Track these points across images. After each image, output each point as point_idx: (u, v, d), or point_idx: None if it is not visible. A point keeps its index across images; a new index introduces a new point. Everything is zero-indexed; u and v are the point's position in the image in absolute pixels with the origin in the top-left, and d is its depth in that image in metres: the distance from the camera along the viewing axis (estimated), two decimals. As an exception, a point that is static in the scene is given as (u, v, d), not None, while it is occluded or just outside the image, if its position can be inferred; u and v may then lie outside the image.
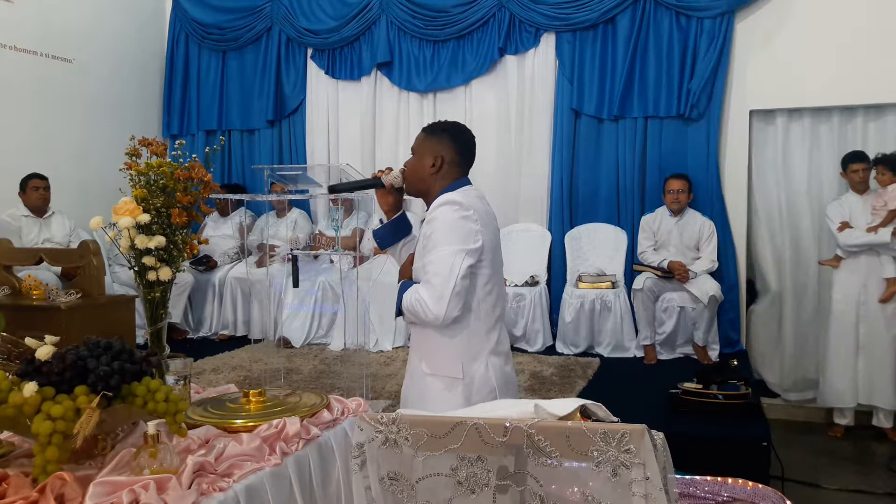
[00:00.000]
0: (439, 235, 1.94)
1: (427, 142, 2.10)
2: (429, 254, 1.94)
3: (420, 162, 2.08)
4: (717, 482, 1.92)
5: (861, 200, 4.40)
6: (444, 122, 2.15)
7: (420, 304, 1.91)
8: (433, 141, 2.10)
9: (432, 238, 1.94)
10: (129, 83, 6.32)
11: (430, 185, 2.09)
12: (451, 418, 1.10)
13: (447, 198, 1.98)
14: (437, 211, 1.96)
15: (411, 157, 2.11)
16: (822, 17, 4.78)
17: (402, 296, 1.98)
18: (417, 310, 1.93)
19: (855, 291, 4.33)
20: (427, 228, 1.97)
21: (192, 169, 2.20)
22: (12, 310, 3.28)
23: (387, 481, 1.12)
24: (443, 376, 2.00)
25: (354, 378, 4.13)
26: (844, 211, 4.41)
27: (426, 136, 2.11)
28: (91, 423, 1.32)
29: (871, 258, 4.30)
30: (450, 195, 1.99)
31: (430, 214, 1.98)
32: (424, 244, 1.97)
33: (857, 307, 4.32)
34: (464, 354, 2.00)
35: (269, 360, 4.67)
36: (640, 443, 1.01)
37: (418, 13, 5.73)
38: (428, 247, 1.95)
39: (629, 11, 5.20)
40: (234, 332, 5.67)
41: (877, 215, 4.27)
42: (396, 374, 4.43)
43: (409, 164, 2.10)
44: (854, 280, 4.34)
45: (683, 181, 4.87)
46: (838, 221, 4.40)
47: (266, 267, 5.12)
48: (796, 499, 2.41)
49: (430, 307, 1.89)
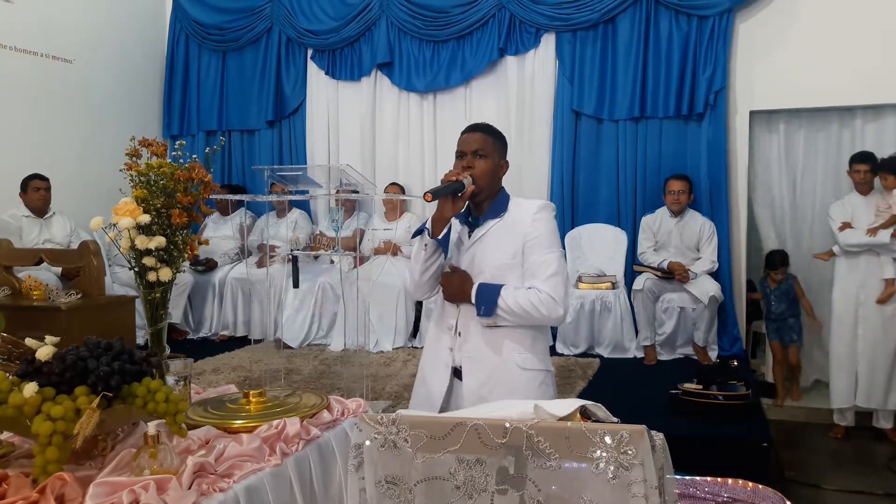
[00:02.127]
0: (549, 237, 2.05)
1: (496, 144, 2.13)
2: (539, 254, 2.02)
3: (493, 164, 2.10)
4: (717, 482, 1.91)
5: (864, 201, 4.38)
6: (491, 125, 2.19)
7: (544, 303, 1.98)
8: (499, 144, 2.15)
9: (540, 239, 2.03)
10: (129, 83, 6.32)
11: (497, 188, 2.15)
12: (451, 419, 1.10)
13: (542, 202, 2.11)
14: (542, 213, 2.06)
15: (480, 160, 2.08)
16: (823, 18, 4.78)
17: (496, 297, 2.00)
18: (539, 308, 1.98)
19: (854, 292, 4.32)
20: (531, 230, 2.04)
21: (193, 169, 2.20)
22: (12, 310, 3.28)
23: (384, 485, 1.12)
24: (539, 370, 2.08)
25: (354, 378, 4.13)
26: (847, 211, 4.40)
27: (494, 140, 2.14)
28: (91, 424, 1.32)
29: (871, 258, 4.30)
30: (541, 201, 2.12)
31: (533, 216, 2.06)
32: (530, 244, 2.03)
33: (855, 307, 4.31)
34: (547, 348, 2.18)
35: (269, 361, 4.67)
36: (639, 443, 1.01)
37: (418, 13, 5.73)
38: (535, 247, 2.03)
39: (630, 12, 5.20)
40: (234, 332, 5.67)
41: (880, 217, 4.27)
42: (396, 374, 4.43)
43: (482, 167, 2.07)
44: (853, 280, 4.34)
45: (684, 182, 4.87)
46: (840, 221, 4.40)
47: (266, 267, 5.12)
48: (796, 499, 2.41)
49: (561, 304, 1.99)
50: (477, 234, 2.12)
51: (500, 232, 2.09)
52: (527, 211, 2.09)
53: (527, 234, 2.05)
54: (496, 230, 2.10)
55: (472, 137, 2.12)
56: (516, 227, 2.08)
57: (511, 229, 2.08)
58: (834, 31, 4.74)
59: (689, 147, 5.16)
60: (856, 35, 4.68)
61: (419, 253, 2.10)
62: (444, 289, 2.13)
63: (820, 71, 4.76)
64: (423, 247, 2.08)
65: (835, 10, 4.75)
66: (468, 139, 2.12)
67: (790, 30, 4.88)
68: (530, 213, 2.07)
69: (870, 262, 4.30)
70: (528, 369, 2.06)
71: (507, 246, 2.07)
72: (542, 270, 2.02)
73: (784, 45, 4.90)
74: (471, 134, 2.14)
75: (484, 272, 2.07)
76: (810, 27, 4.81)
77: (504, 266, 2.06)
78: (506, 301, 2.00)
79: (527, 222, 2.06)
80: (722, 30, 4.98)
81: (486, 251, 2.08)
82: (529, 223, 2.05)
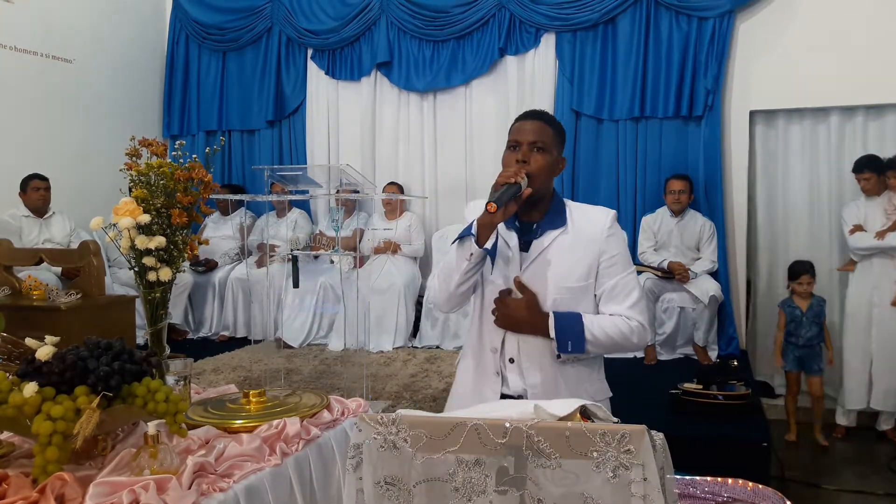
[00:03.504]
0: (627, 256, 1.83)
1: (556, 137, 1.84)
2: (620, 276, 1.80)
3: (552, 160, 1.81)
4: (717, 482, 1.91)
5: (876, 203, 4.38)
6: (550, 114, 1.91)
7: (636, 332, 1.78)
8: (559, 137, 1.86)
9: (619, 258, 1.81)
10: (129, 83, 6.32)
11: (551, 189, 1.87)
12: (451, 419, 1.10)
13: (610, 212, 1.85)
14: (615, 226, 1.83)
15: (537, 154, 1.79)
16: (823, 18, 4.78)
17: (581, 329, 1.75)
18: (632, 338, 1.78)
19: (867, 294, 4.32)
20: (609, 247, 1.80)
21: (193, 169, 2.20)
22: (12, 310, 3.28)
23: (383, 485, 1.12)
24: (603, 399, 1.89)
25: (354, 378, 4.13)
26: (860, 213, 4.40)
27: (554, 131, 1.84)
28: (91, 424, 1.32)
29: (884, 261, 4.29)
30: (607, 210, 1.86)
31: (608, 230, 1.81)
32: (607, 265, 1.80)
33: (869, 309, 4.32)
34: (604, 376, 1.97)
35: (269, 361, 4.67)
36: (639, 443, 1.01)
37: (418, 13, 5.73)
38: (614, 268, 1.80)
39: (630, 12, 5.20)
40: (234, 332, 5.67)
41: (889, 219, 4.26)
42: (396, 374, 4.43)
43: (540, 163, 1.78)
44: (866, 283, 4.34)
45: (685, 182, 4.87)
46: (852, 224, 4.39)
47: (266, 267, 5.12)
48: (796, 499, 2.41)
49: (650, 331, 1.85)
50: (537, 248, 1.81)
51: (568, 247, 1.80)
52: (598, 223, 1.82)
53: (602, 251, 1.80)
54: (562, 244, 1.81)
55: (529, 126, 1.81)
56: (589, 243, 1.81)
57: (582, 244, 1.81)
58: (834, 30, 4.73)
59: (688, 147, 5.16)
60: (856, 35, 4.68)
61: (460, 262, 1.78)
62: (502, 315, 1.79)
63: (820, 71, 4.76)
64: (468, 256, 1.75)
65: (835, 9, 4.75)
66: (525, 128, 1.82)
67: (790, 29, 4.88)
68: (603, 227, 1.81)
69: (883, 264, 4.30)
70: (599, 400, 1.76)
71: (579, 265, 1.80)
72: (627, 295, 1.79)
73: (784, 45, 4.89)
74: (528, 122, 1.83)
75: (547, 296, 1.79)
76: (810, 27, 4.81)
77: (575, 290, 1.80)
78: (594, 333, 1.75)
79: (600, 237, 1.80)
80: (722, 30, 4.98)
81: (552, 270, 1.79)
82: (604, 238, 1.80)
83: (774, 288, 5.10)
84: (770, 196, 5.14)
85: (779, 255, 5.10)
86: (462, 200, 5.81)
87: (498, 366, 1.85)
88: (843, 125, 4.94)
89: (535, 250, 1.81)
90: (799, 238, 5.04)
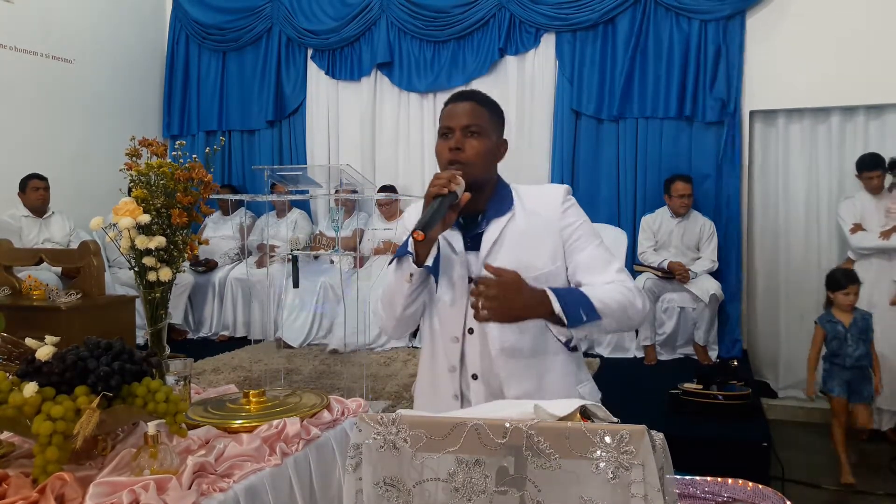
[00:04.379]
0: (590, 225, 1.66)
1: (493, 118, 1.67)
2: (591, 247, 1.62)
3: (491, 145, 1.64)
4: (717, 482, 1.91)
5: (875, 200, 4.36)
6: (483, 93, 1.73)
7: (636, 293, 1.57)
8: (496, 118, 1.68)
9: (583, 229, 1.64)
10: (129, 83, 6.32)
11: (494, 177, 1.69)
12: (451, 419, 1.10)
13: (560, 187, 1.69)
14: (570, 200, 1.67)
15: (472, 139, 1.61)
16: (822, 18, 4.78)
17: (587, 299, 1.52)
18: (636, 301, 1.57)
19: (866, 293, 4.31)
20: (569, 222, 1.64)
21: (193, 169, 2.20)
22: (12, 310, 3.28)
23: (382, 486, 1.11)
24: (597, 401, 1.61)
25: (354, 378, 4.13)
26: (857, 211, 4.38)
27: (490, 112, 1.66)
28: (91, 424, 1.32)
29: (882, 261, 4.29)
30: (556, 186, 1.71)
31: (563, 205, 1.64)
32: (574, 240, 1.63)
33: (868, 309, 4.31)
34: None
35: (269, 361, 4.68)
36: (639, 443, 1.01)
37: (418, 14, 5.73)
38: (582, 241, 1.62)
39: (629, 12, 5.20)
40: (234, 332, 5.68)
41: (890, 218, 4.24)
42: (396, 374, 4.43)
43: (476, 149, 1.60)
44: (865, 282, 4.32)
45: (688, 183, 4.85)
46: (851, 222, 4.37)
47: (266, 267, 5.12)
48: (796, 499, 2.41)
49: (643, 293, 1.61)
50: (488, 242, 1.63)
51: (523, 232, 1.63)
52: (550, 199, 1.66)
53: (563, 228, 1.63)
54: (515, 231, 1.63)
55: (461, 109, 1.63)
56: (545, 224, 1.64)
57: (539, 227, 1.64)
58: (833, 31, 4.73)
59: (688, 147, 5.16)
60: (856, 35, 4.67)
61: (401, 285, 1.60)
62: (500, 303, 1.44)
63: (820, 71, 4.76)
64: (408, 277, 1.58)
65: (834, 10, 4.75)
66: (456, 111, 1.63)
67: (790, 30, 4.88)
68: (556, 202, 1.65)
69: (881, 264, 4.29)
70: None
71: (541, 249, 1.62)
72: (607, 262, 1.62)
73: (784, 45, 4.89)
74: (459, 104, 1.65)
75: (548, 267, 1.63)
76: (810, 27, 4.81)
77: (542, 278, 1.58)
78: (600, 299, 1.52)
79: (556, 215, 1.64)
80: (722, 31, 4.98)
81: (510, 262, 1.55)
82: (561, 215, 1.64)
83: (774, 288, 5.11)
84: (770, 196, 5.14)
85: (778, 256, 5.09)
86: (462, 200, 5.80)
87: (457, 387, 1.65)
88: (843, 125, 4.93)
89: (486, 245, 1.62)
90: (798, 238, 5.04)
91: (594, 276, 1.60)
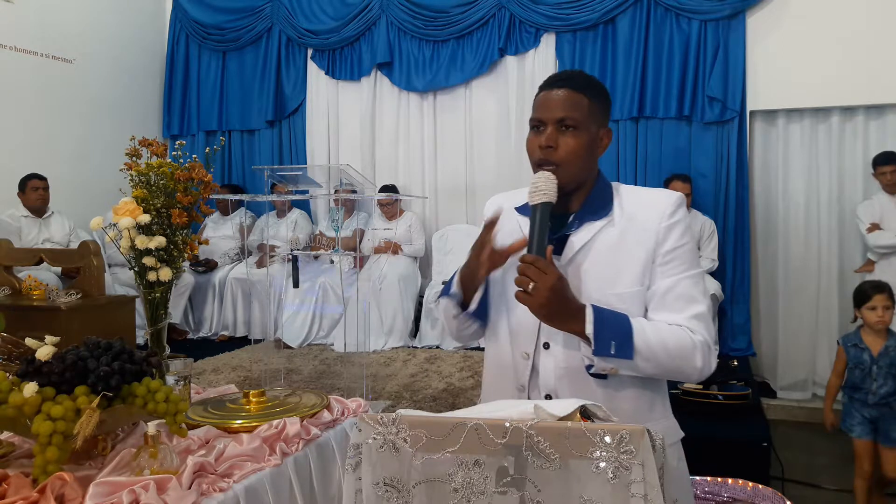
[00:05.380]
0: (692, 252, 1.38)
1: (594, 105, 1.41)
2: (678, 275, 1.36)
3: (591, 138, 1.40)
4: (717, 482, 1.92)
5: (892, 200, 4.36)
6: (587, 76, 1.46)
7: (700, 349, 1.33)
8: (598, 104, 1.43)
9: (680, 254, 1.37)
10: (129, 83, 6.32)
11: (595, 171, 1.46)
12: (450, 419, 1.10)
13: (674, 195, 1.42)
14: (679, 213, 1.40)
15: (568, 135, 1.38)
16: (822, 18, 4.78)
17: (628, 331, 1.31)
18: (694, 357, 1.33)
19: None
20: (667, 238, 1.38)
21: (193, 169, 2.20)
22: (12, 310, 3.28)
23: (382, 486, 1.11)
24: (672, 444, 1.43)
25: (354, 378, 4.13)
26: (875, 211, 4.38)
27: (591, 98, 1.41)
28: (91, 424, 1.32)
29: None
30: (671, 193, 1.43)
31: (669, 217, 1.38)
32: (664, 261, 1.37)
33: None
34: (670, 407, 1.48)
35: (269, 361, 4.67)
36: (639, 443, 1.01)
37: (418, 13, 5.73)
38: (672, 265, 1.37)
39: (629, 12, 5.21)
40: (234, 332, 5.68)
41: None
42: (396, 374, 4.43)
43: (572, 147, 1.38)
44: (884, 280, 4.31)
45: (687, 184, 4.85)
46: (868, 222, 4.37)
47: (266, 267, 5.12)
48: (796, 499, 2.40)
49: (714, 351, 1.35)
50: (571, 248, 1.40)
51: (616, 242, 1.39)
52: (656, 207, 1.40)
53: (659, 243, 1.37)
54: (607, 239, 1.39)
55: (555, 98, 1.40)
56: (642, 234, 1.38)
57: (633, 238, 1.39)
58: (833, 30, 4.73)
59: (688, 147, 5.17)
60: (856, 35, 4.68)
61: (449, 320, 1.50)
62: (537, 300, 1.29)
63: (820, 71, 4.76)
64: (454, 315, 1.47)
65: (834, 10, 4.75)
66: (549, 101, 1.41)
67: (790, 29, 4.88)
68: (662, 212, 1.39)
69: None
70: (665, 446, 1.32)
71: (630, 265, 1.38)
72: (688, 301, 1.35)
73: (784, 45, 4.89)
74: (553, 91, 1.41)
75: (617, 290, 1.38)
76: (810, 27, 4.81)
77: (625, 297, 1.37)
78: (647, 339, 1.30)
79: (658, 228, 1.38)
80: (722, 31, 4.98)
81: (593, 273, 1.38)
82: (663, 227, 1.38)
83: (773, 288, 5.10)
84: (770, 196, 5.14)
85: (778, 256, 5.09)
86: (462, 200, 5.81)
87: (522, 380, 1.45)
88: (843, 125, 4.94)
89: (570, 251, 1.40)
90: (798, 238, 5.04)
91: (663, 312, 1.36)
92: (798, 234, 5.04)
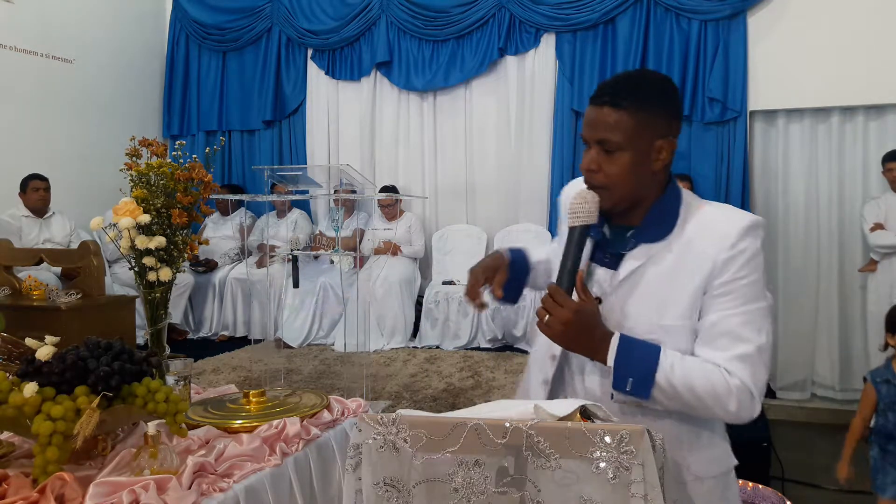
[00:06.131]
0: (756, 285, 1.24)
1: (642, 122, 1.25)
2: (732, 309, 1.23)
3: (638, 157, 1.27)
4: (716, 482, 1.91)
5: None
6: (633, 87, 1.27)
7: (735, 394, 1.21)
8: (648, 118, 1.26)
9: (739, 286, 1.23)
10: (129, 83, 6.32)
11: (644, 195, 1.32)
12: (451, 419, 1.10)
13: (749, 218, 1.27)
14: (748, 240, 1.24)
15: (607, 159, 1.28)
16: (822, 18, 4.78)
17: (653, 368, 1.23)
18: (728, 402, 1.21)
19: (887, 292, 4.29)
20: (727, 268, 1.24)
21: (193, 169, 2.19)
22: (12, 310, 3.28)
23: (382, 486, 1.11)
24: (717, 476, 1.36)
25: (354, 378, 4.13)
26: (881, 211, 4.39)
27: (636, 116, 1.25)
28: (91, 424, 1.32)
29: None
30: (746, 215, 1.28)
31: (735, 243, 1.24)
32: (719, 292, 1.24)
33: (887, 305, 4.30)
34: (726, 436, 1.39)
35: (269, 361, 4.68)
36: (639, 443, 1.01)
37: (418, 13, 5.73)
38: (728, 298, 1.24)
39: (629, 12, 5.21)
40: (234, 332, 5.68)
41: None
42: (396, 374, 4.43)
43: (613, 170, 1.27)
44: (885, 280, 4.31)
45: (687, 183, 4.85)
46: (872, 221, 4.37)
47: (266, 267, 5.12)
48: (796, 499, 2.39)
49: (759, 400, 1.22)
50: (625, 269, 1.31)
51: (671, 268, 1.28)
52: (720, 232, 1.25)
53: (714, 275, 1.24)
54: (660, 266, 1.28)
55: (595, 117, 1.27)
56: (696, 262, 1.26)
57: (690, 264, 1.26)
58: (833, 31, 4.73)
59: (689, 147, 5.16)
60: (856, 35, 4.68)
61: None
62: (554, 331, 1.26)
63: (820, 71, 4.76)
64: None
65: (834, 10, 4.75)
66: (591, 119, 1.29)
67: (790, 29, 4.88)
68: (726, 238, 1.24)
69: None
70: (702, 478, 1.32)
71: (685, 296, 1.26)
72: (735, 340, 1.23)
73: (784, 45, 4.89)
74: (595, 109, 1.28)
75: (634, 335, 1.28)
76: (810, 28, 4.81)
77: (674, 330, 1.27)
78: (671, 378, 1.22)
79: (714, 255, 1.24)
80: (722, 31, 4.98)
81: (644, 300, 1.28)
82: (721, 260, 1.24)
83: (773, 289, 5.10)
84: (770, 196, 5.14)
85: (778, 256, 5.09)
86: (462, 200, 5.80)
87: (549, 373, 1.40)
88: (843, 125, 4.93)
89: (624, 270, 1.31)
90: (798, 238, 5.04)
91: (706, 349, 1.25)
92: (798, 234, 5.03)
